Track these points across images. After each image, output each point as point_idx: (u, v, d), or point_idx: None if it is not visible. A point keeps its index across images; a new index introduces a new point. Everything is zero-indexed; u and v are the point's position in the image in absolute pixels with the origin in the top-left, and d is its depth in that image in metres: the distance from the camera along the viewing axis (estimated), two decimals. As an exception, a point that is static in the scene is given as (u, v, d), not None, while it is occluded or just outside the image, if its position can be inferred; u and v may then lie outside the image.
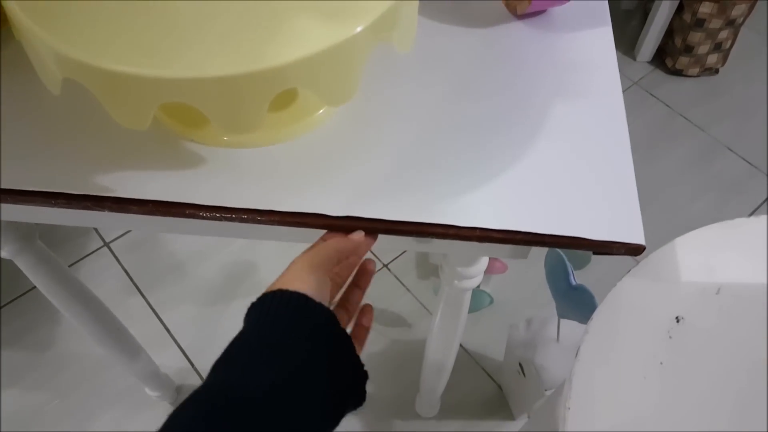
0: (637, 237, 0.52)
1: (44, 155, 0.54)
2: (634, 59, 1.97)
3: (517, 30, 0.67)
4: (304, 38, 0.43)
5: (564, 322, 1.11)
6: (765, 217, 0.61)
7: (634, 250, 0.52)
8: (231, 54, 0.42)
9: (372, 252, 1.55)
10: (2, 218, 0.60)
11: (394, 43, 0.50)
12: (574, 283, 0.95)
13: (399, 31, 0.49)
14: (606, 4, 0.70)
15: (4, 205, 0.57)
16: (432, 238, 0.54)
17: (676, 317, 0.54)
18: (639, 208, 0.54)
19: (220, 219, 0.53)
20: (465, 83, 0.62)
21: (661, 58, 1.96)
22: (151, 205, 0.52)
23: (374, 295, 1.45)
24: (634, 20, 2.05)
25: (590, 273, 1.17)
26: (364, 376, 0.46)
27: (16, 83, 0.58)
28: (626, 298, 0.56)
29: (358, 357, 0.46)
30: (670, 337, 0.53)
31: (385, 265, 1.53)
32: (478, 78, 0.63)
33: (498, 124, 0.59)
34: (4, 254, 0.76)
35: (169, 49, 0.42)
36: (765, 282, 0.56)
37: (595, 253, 0.54)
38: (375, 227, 0.53)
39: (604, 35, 0.67)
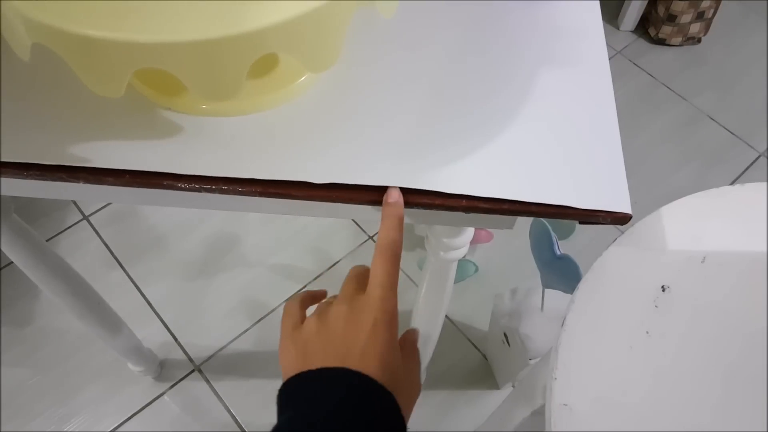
0: (623, 206, 0.52)
1: (15, 125, 0.52)
2: (618, 28, 1.96)
3: (503, -5, 0.66)
4: (284, 1, 0.42)
5: (548, 291, 1.11)
6: (750, 185, 0.61)
7: (621, 219, 0.52)
8: (208, 17, 0.40)
9: (356, 223, 1.54)
10: (-26, 191, 0.58)
11: (378, 7, 0.48)
12: (558, 252, 0.95)
13: (382, -5, 0.48)
14: (591, -31, 0.69)
15: (-25, 178, 0.55)
16: (418, 208, 0.53)
17: (662, 286, 0.54)
18: (625, 177, 0.53)
19: (199, 190, 0.51)
20: (449, 51, 0.61)
21: (644, 28, 1.95)
22: (127, 177, 0.50)
23: (358, 267, 1.44)
24: (618, -11, 2.04)
25: (574, 242, 1.18)
26: None
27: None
28: (612, 267, 0.56)
29: None
30: (656, 306, 0.53)
31: (371, 237, 1.53)
32: (462, 45, 0.61)
33: (483, 92, 0.58)
34: (-21, 229, 0.74)
35: (144, 12, 0.40)
36: (749, 250, 0.56)
37: (581, 223, 0.54)
38: (360, 197, 0.52)
39: (590, 1, 0.66)
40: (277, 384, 0.43)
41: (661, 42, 1.92)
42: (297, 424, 0.39)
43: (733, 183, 1.66)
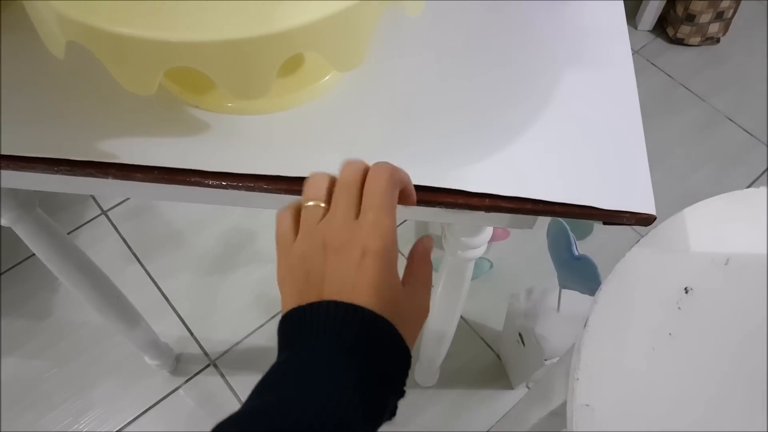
0: (647, 207, 0.52)
1: (47, 121, 0.53)
2: (635, 28, 1.95)
3: (527, -5, 0.66)
4: (315, 1, 0.42)
5: (565, 292, 1.11)
6: (774, 187, 0.61)
7: (645, 220, 0.52)
8: (240, 17, 0.40)
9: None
10: (2, 185, 0.59)
11: (405, 7, 0.49)
12: (576, 253, 0.95)
13: (410, -5, 0.48)
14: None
15: (4, 172, 0.56)
16: (440, 207, 0.53)
17: (685, 288, 0.54)
18: (650, 177, 0.53)
19: (225, 187, 0.52)
20: (475, 49, 0.61)
21: (663, 27, 1.94)
22: (156, 173, 0.51)
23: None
24: (636, -12, 2.03)
25: (591, 243, 1.17)
26: (402, 394, 0.40)
27: (19, 46, 0.57)
28: (635, 268, 0.56)
29: (406, 375, 0.40)
30: (679, 308, 0.53)
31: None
32: (488, 44, 0.61)
33: (507, 91, 0.58)
34: (4, 222, 0.75)
35: (177, 12, 0.40)
36: (773, 253, 0.56)
37: (604, 223, 0.54)
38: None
39: (614, 1, 0.66)
40: None
41: (680, 42, 1.91)
42: (290, 362, 0.38)
43: (751, 184, 1.65)
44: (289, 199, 0.54)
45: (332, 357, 0.37)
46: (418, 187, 0.52)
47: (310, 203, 0.42)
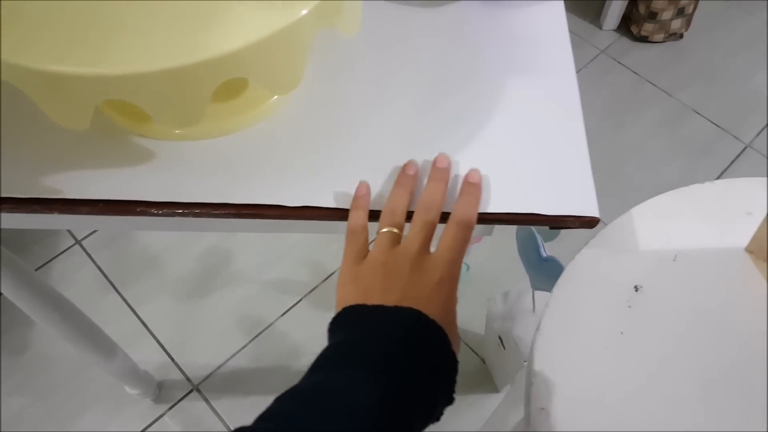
0: (591, 210, 0.52)
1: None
2: (600, 28, 1.97)
3: (466, 5, 0.66)
4: (244, 26, 0.42)
5: (539, 293, 1.11)
6: (719, 182, 0.62)
7: (589, 223, 0.52)
8: (168, 46, 0.41)
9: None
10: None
11: (339, 28, 0.49)
12: (544, 255, 0.96)
13: (343, 16, 0.49)
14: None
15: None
16: (389, 221, 0.53)
17: (635, 286, 0.54)
18: (593, 180, 0.54)
19: (172, 215, 0.52)
20: (414, 62, 0.62)
21: (627, 26, 1.96)
22: (101, 205, 0.51)
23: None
24: (599, -12, 2.05)
25: (563, 244, 1.18)
26: (451, 401, 0.46)
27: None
28: (585, 269, 0.56)
29: (455, 381, 0.46)
30: (630, 307, 0.53)
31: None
32: (427, 57, 0.62)
33: (448, 103, 0.59)
34: (-35, 262, 0.74)
35: (102, 45, 0.41)
36: (719, 246, 0.57)
37: (551, 228, 0.54)
38: (332, 215, 0.53)
39: (555, 8, 0.67)
40: None
41: (644, 39, 1.93)
42: (353, 341, 0.43)
43: (721, 174, 1.67)
44: (240, 223, 0.55)
45: (390, 346, 0.42)
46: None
47: (385, 230, 0.50)
